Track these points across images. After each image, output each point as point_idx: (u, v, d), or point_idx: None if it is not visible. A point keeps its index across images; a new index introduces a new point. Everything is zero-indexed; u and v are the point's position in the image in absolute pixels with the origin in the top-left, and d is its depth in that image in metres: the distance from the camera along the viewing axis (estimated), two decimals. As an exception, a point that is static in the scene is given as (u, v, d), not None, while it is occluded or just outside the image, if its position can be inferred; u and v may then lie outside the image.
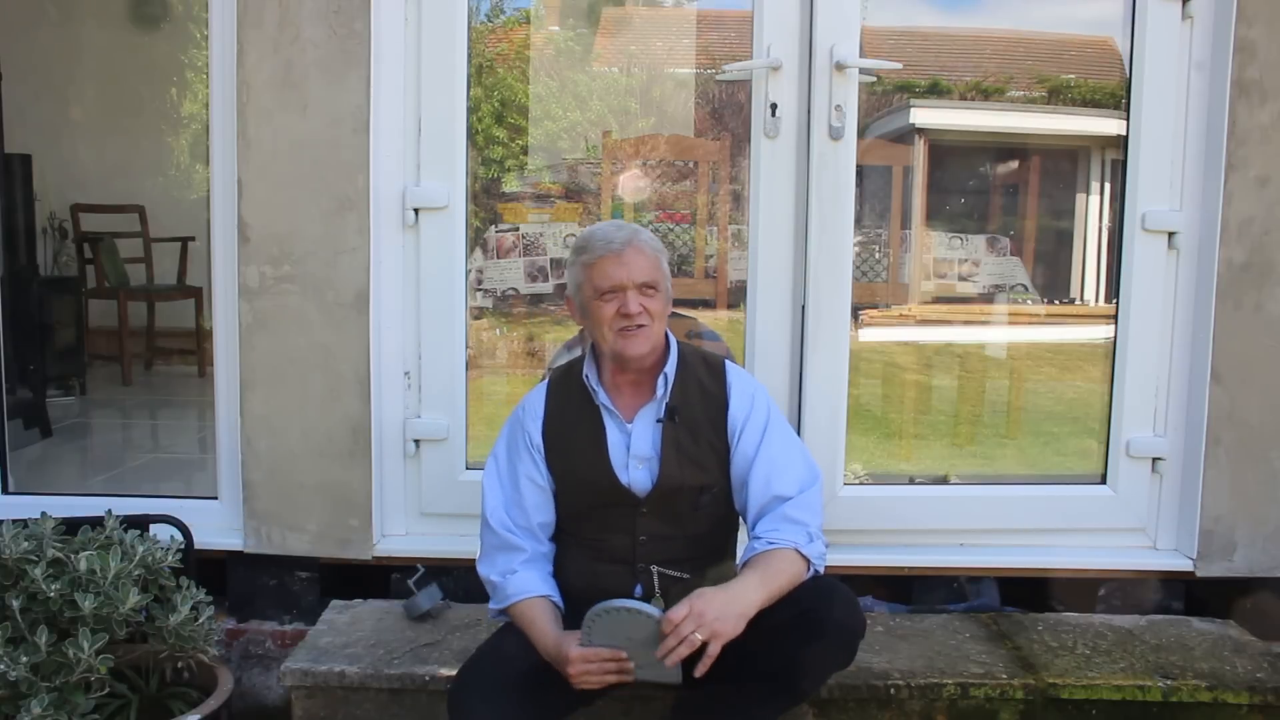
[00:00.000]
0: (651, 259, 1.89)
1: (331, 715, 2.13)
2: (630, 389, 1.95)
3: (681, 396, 1.92)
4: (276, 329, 2.42)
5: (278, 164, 2.39)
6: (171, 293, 5.34)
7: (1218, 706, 2.11)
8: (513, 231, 3.68)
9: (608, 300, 1.87)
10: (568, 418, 1.96)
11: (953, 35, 3.73)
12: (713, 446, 1.92)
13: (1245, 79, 2.36)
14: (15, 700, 1.84)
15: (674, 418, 1.91)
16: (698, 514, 1.92)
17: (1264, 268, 2.41)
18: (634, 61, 3.91)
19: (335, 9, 2.35)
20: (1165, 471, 2.54)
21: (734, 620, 1.67)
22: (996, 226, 4.04)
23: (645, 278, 1.87)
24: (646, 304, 1.87)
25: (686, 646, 1.65)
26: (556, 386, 2.01)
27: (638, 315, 1.85)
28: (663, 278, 1.91)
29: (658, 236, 1.97)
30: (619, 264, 1.86)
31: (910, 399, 3.74)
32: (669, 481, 1.89)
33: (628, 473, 1.91)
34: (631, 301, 1.85)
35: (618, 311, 1.86)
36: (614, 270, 1.86)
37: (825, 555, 1.87)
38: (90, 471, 3.71)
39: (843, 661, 1.83)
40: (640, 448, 1.92)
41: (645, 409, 1.94)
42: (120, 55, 5.69)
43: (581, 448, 1.93)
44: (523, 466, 1.96)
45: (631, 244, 1.87)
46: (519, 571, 1.92)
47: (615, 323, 1.86)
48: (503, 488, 1.97)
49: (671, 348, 1.96)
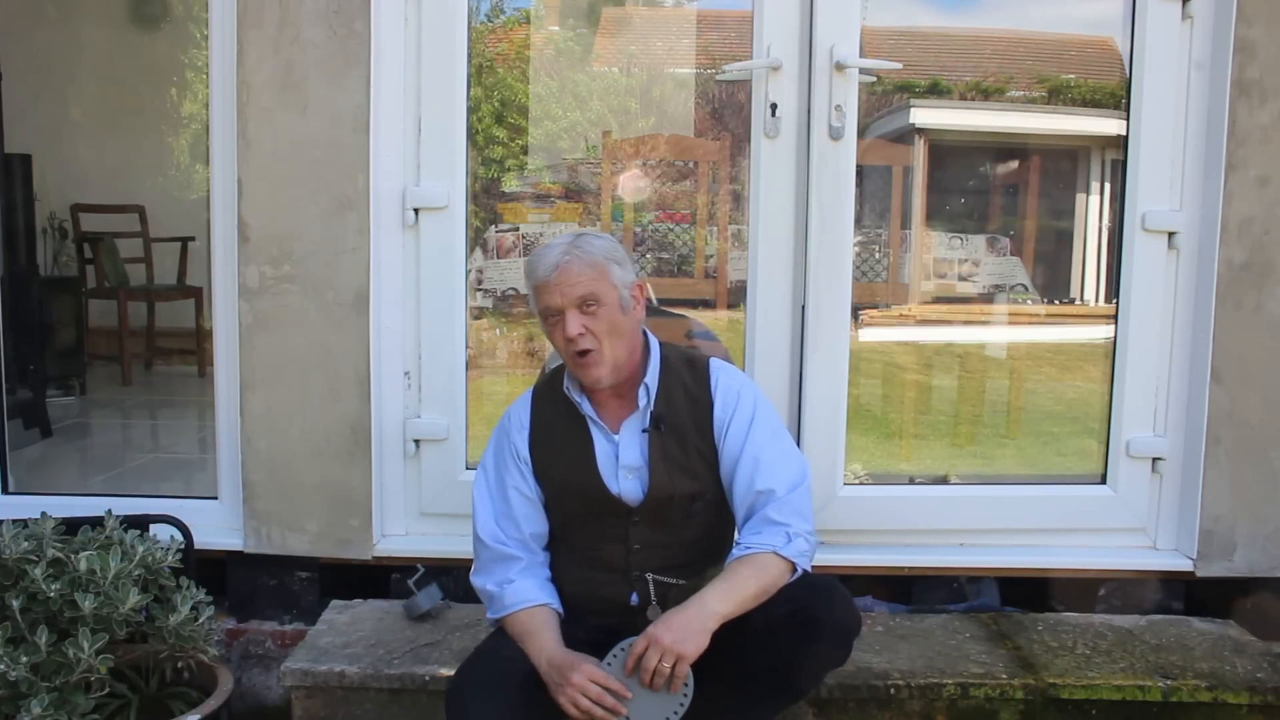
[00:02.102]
0: (588, 272, 1.80)
1: (331, 715, 2.13)
2: (614, 400, 1.92)
3: (666, 404, 1.89)
4: (276, 329, 2.42)
5: (278, 164, 2.39)
6: (171, 293, 5.34)
7: (1218, 706, 2.11)
8: (513, 231, 3.68)
9: (553, 325, 1.83)
10: (554, 429, 1.94)
11: (953, 35, 3.73)
12: (701, 453, 1.90)
13: (1245, 79, 2.36)
14: (15, 700, 1.84)
15: (659, 426, 1.88)
16: (691, 520, 1.91)
17: (1264, 268, 2.41)
18: (634, 61, 3.91)
19: (335, 9, 2.35)
20: (1165, 471, 2.54)
21: (695, 638, 1.67)
22: (996, 226, 4.04)
23: (580, 293, 1.79)
24: (589, 324, 1.80)
25: (659, 676, 1.67)
26: (541, 398, 1.98)
27: (580, 338, 1.80)
28: (609, 288, 1.81)
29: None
30: (548, 289, 1.81)
31: (910, 399, 3.73)
32: (660, 491, 1.87)
33: (618, 483, 1.90)
34: (571, 324, 1.79)
35: (563, 337, 1.81)
36: (546, 295, 1.82)
37: (810, 553, 1.85)
38: (90, 471, 3.71)
39: (839, 659, 1.82)
40: (629, 458, 1.90)
41: (630, 419, 1.91)
42: (120, 55, 5.69)
43: (569, 459, 1.91)
44: (510, 479, 1.94)
45: (559, 265, 1.80)
46: (516, 581, 1.90)
47: (566, 348, 1.83)
48: (492, 500, 1.95)
49: (652, 355, 1.92)
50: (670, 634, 1.67)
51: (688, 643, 1.67)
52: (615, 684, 1.71)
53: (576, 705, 1.70)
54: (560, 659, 1.76)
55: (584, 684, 1.70)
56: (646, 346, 1.93)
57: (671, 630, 1.68)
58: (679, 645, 1.66)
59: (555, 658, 1.77)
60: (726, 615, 1.71)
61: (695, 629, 1.68)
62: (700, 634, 1.68)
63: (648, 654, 1.67)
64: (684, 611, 1.71)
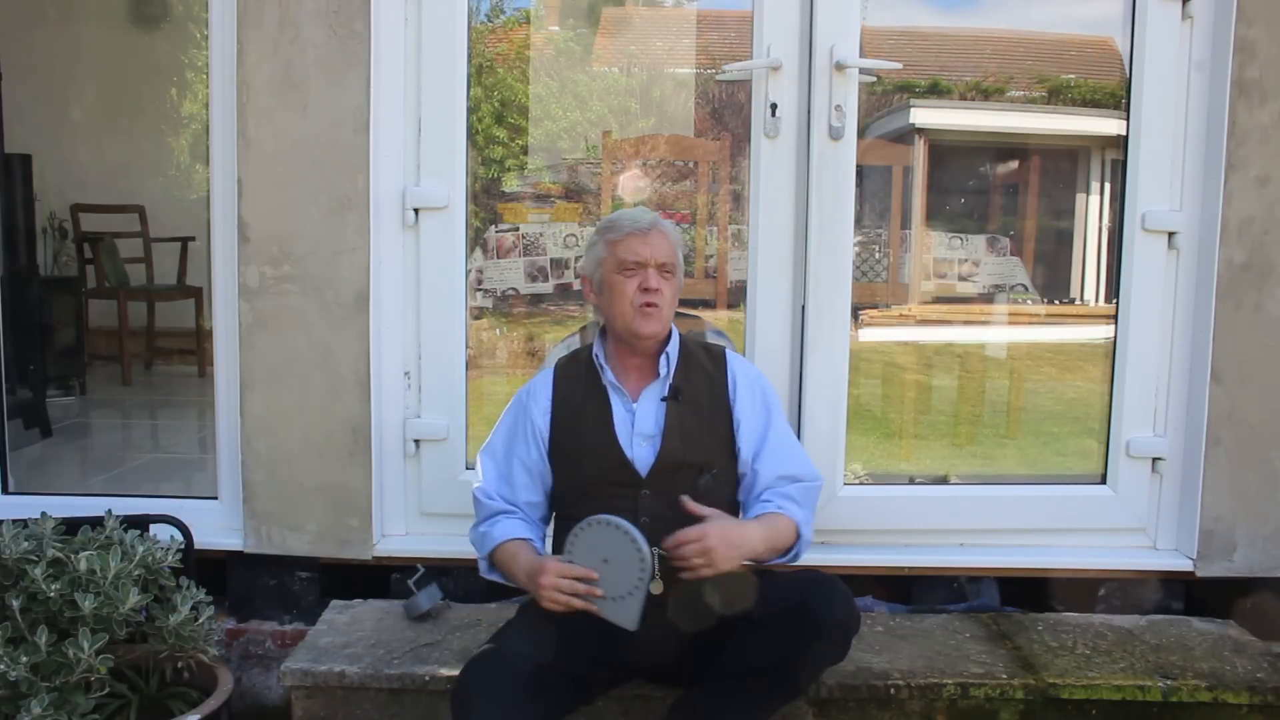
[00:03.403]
0: (672, 244, 2.00)
1: (331, 715, 2.13)
2: (635, 371, 2.03)
3: (685, 377, 2.01)
4: (276, 329, 2.42)
5: (278, 164, 2.39)
6: (171, 293, 5.34)
7: (1218, 706, 2.11)
8: (513, 231, 3.69)
9: (629, 275, 1.96)
10: (575, 399, 2.03)
11: (953, 35, 3.74)
12: (714, 427, 1.99)
13: (1245, 79, 2.36)
14: (15, 700, 1.84)
15: (678, 396, 1.98)
16: (698, 495, 1.92)
17: (1264, 268, 2.41)
18: (634, 61, 3.91)
19: (335, 9, 2.35)
20: (1165, 471, 2.54)
21: (736, 557, 1.81)
22: (996, 226, 4.05)
23: (666, 259, 1.97)
24: (663, 285, 1.96)
25: (687, 568, 1.78)
26: (563, 371, 2.08)
27: (655, 293, 1.95)
28: (678, 265, 2.01)
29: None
30: (644, 242, 1.97)
31: (910, 399, 3.74)
32: (670, 455, 1.94)
33: (632, 449, 1.96)
34: (652, 278, 1.95)
35: (639, 286, 1.95)
36: (639, 246, 1.96)
37: (803, 553, 1.98)
38: (90, 471, 3.71)
39: (837, 656, 1.86)
40: (644, 425, 1.98)
41: (650, 388, 2.01)
42: (120, 55, 5.69)
43: (590, 426, 1.99)
44: (518, 449, 2.04)
45: (656, 226, 1.99)
46: (503, 521, 2.01)
47: (637, 298, 1.95)
48: (496, 465, 2.06)
49: (673, 333, 2.05)
50: (721, 542, 1.78)
51: (730, 559, 1.79)
52: (580, 570, 1.80)
53: (556, 602, 1.80)
54: (532, 566, 1.87)
55: (555, 581, 1.80)
56: (670, 326, 2.05)
57: (722, 539, 1.79)
58: (721, 556, 1.78)
59: (529, 567, 1.88)
60: (759, 556, 1.89)
61: (739, 551, 1.82)
62: (738, 560, 1.81)
63: (692, 547, 1.77)
64: (738, 529, 1.87)
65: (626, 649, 1.86)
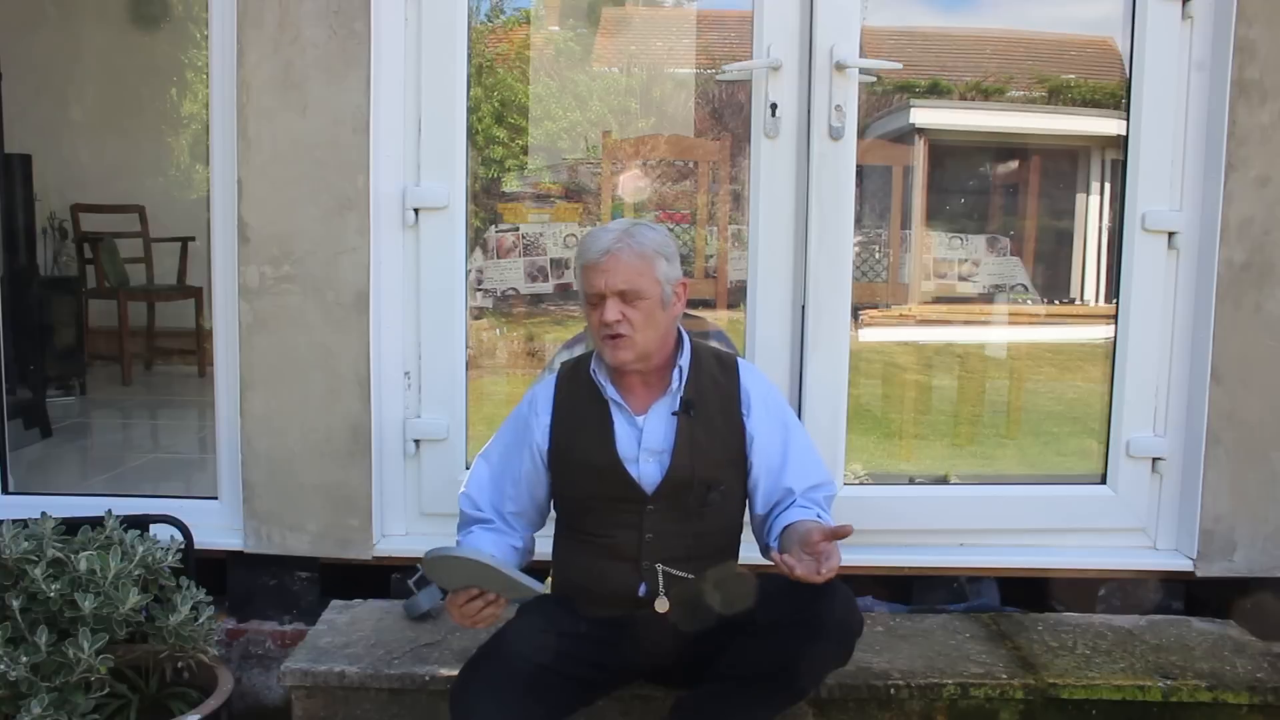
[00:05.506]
0: (636, 264, 1.85)
1: (331, 715, 2.13)
2: (641, 385, 1.95)
3: (696, 391, 1.93)
4: (276, 329, 2.42)
5: (278, 164, 2.39)
6: (171, 293, 5.34)
7: (1218, 706, 2.11)
8: (513, 231, 3.68)
9: (594, 306, 1.88)
10: (576, 412, 1.97)
11: (953, 35, 3.73)
12: (726, 442, 1.93)
13: (1245, 79, 2.36)
14: (15, 700, 1.84)
15: (689, 411, 1.91)
16: (705, 511, 1.92)
17: (1264, 268, 2.41)
18: (634, 61, 3.91)
19: (335, 9, 2.35)
20: (1165, 471, 2.54)
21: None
22: (996, 226, 4.04)
23: (624, 285, 1.84)
24: (627, 312, 1.85)
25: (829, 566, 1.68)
26: (565, 381, 2.01)
27: (615, 324, 1.85)
28: (653, 284, 1.86)
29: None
30: (597, 273, 1.86)
31: (910, 399, 3.73)
32: (679, 473, 1.89)
33: (637, 466, 1.91)
34: (609, 310, 1.84)
35: (600, 319, 1.87)
36: (594, 278, 1.86)
37: None
38: (90, 471, 3.71)
39: (840, 659, 1.83)
40: (653, 441, 1.92)
41: (659, 403, 1.94)
42: (120, 55, 5.69)
43: (589, 442, 1.93)
44: (513, 461, 2.00)
45: (611, 251, 1.85)
46: (475, 533, 1.97)
47: (600, 330, 1.88)
48: (489, 472, 2.02)
49: (685, 343, 1.97)
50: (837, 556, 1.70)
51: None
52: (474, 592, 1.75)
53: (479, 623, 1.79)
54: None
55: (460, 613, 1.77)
56: (679, 338, 1.98)
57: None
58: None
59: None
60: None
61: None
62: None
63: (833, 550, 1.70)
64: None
65: (627, 649, 1.86)
